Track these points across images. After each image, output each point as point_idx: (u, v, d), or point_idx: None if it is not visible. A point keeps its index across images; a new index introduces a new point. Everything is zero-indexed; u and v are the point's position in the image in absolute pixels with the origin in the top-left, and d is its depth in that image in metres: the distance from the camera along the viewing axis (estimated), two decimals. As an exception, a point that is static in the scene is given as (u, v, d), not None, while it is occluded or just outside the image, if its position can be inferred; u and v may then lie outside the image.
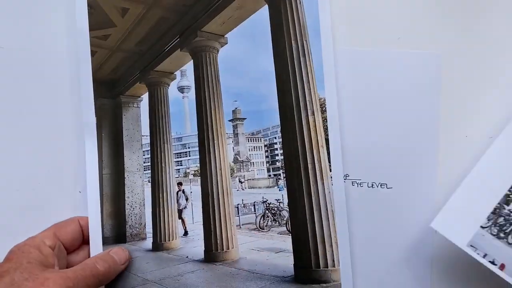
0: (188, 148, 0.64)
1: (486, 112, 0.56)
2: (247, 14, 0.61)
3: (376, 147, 0.56)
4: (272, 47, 0.59)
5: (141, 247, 0.60)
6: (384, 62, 0.56)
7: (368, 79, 0.56)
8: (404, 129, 0.56)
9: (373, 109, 0.56)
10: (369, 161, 0.56)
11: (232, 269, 0.59)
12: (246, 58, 0.59)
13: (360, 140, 0.56)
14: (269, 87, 0.59)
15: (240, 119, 0.62)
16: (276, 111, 0.59)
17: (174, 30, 0.62)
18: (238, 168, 0.66)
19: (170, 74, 0.64)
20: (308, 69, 0.59)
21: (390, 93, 0.56)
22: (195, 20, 0.62)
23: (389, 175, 0.56)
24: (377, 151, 0.56)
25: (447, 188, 0.54)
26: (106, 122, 0.60)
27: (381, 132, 0.56)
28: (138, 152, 0.61)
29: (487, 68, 0.56)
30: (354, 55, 0.56)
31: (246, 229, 0.63)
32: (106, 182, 0.58)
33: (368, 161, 0.56)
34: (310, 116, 0.58)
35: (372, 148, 0.56)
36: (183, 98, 0.64)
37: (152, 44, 0.62)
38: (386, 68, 0.56)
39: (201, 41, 0.64)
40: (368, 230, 0.55)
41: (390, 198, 0.55)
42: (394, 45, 0.57)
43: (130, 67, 0.63)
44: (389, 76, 0.56)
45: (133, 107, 0.64)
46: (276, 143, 0.63)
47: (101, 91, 0.58)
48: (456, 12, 0.57)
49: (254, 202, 0.62)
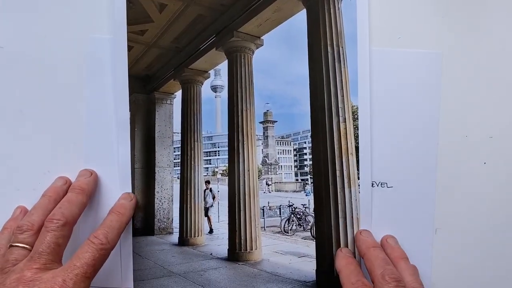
0: (218, 148, 0.64)
1: (486, 112, 0.55)
2: (284, 17, 0.60)
3: (376, 147, 0.55)
4: (307, 51, 0.59)
5: (168, 240, 0.61)
6: (384, 62, 0.55)
7: (369, 79, 0.56)
8: (404, 129, 0.55)
9: (375, 109, 0.56)
10: (367, 159, 0.56)
11: (255, 270, 0.60)
12: (280, 61, 0.58)
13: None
14: (302, 91, 0.58)
15: (271, 122, 0.62)
16: (307, 116, 0.59)
17: (210, 29, 0.62)
18: (266, 170, 0.66)
19: (204, 72, 0.65)
20: (342, 75, 0.58)
21: (391, 93, 0.56)
22: (232, 20, 0.62)
23: (389, 175, 0.56)
24: (377, 151, 0.55)
25: (447, 188, 0.54)
26: (139, 117, 0.61)
27: (382, 132, 0.56)
28: (169, 148, 0.62)
29: (487, 67, 0.55)
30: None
31: (270, 232, 0.64)
32: (138, 176, 0.59)
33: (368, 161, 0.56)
34: (342, 123, 0.58)
35: (373, 148, 0.56)
36: (216, 97, 0.64)
37: (188, 42, 0.62)
38: (386, 68, 0.55)
39: (237, 42, 0.64)
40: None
41: (392, 198, 0.55)
42: (395, 44, 0.56)
43: (165, 63, 0.64)
44: (389, 76, 0.55)
45: (166, 103, 0.65)
46: (305, 148, 0.63)
47: (136, 86, 0.59)
48: (457, 12, 0.55)
49: (280, 205, 0.62)
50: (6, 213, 0.55)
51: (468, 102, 0.56)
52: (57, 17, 0.58)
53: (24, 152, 0.56)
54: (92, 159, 0.57)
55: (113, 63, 0.57)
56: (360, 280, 0.40)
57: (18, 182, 0.56)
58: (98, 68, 0.58)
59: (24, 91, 0.57)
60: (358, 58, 0.55)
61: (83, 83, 0.57)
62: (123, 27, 0.57)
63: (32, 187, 0.56)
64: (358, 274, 0.42)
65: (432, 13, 0.56)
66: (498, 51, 0.55)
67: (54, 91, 0.57)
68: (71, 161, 0.56)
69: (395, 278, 0.38)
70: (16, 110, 0.56)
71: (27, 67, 0.57)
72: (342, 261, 0.44)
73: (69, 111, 0.57)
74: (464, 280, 0.56)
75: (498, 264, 0.56)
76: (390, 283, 0.38)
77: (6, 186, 0.55)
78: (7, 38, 0.57)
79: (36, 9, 0.57)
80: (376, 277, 0.39)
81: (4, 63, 0.56)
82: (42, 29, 0.58)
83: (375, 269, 0.40)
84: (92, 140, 0.57)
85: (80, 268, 0.37)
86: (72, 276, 0.36)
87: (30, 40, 0.57)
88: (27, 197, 0.56)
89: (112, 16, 0.57)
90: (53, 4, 0.58)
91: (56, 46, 0.58)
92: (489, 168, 0.55)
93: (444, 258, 0.55)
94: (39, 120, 0.56)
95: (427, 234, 0.56)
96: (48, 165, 0.56)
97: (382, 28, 0.56)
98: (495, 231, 0.56)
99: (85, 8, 0.58)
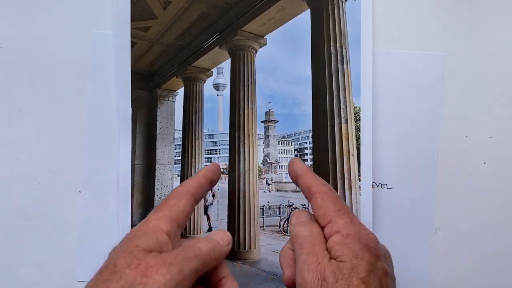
0: (219, 146, 0.64)
1: (486, 112, 0.56)
2: (289, 17, 0.60)
3: (378, 148, 0.56)
4: (311, 51, 0.59)
5: (166, 238, 0.61)
6: (387, 63, 0.56)
7: (372, 81, 0.56)
8: (405, 130, 0.56)
9: (377, 110, 0.56)
10: (369, 161, 0.56)
11: (252, 269, 0.60)
12: (283, 61, 0.59)
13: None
14: (304, 91, 0.59)
15: (273, 121, 0.62)
16: (309, 116, 0.59)
17: (214, 27, 0.63)
18: (266, 169, 0.66)
19: (207, 70, 0.65)
20: (345, 76, 0.58)
21: (393, 94, 0.56)
22: (236, 19, 0.62)
23: (389, 175, 0.56)
24: (378, 152, 0.56)
25: (447, 188, 0.54)
26: (141, 113, 0.61)
27: (383, 133, 0.56)
28: (170, 145, 0.62)
29: (487, 68, 0.56)
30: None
31: (269, 231, 0.63)
32: (138, 172, 0.59)
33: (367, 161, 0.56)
34: (343, 124, 0.58)
35: (374, 150, 0.56)
36: (218, 95, 0.64)
37: (192, 39, 0.63)
38: (389, 69, 0.56)
39: (240, 40, 0.64)
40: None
41: (392, 199, 0.55)
42: (395, 45, 0.56)
43: (168, 60, 0.64)
44: (392, 77, 0.56)
45: (168, 100, 0.65)
46: (306, 148, 0.63)
47: (138, 83, 0.59)
48: (459, 13, 0.56)
49: (280, 205, 0.62)
50: (6, 213, 0.55)
51: (468, 102, 0.56)
52: (61, 12, 0.58)
53: (24, 152, 0.56)
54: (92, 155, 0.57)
55: (116, 59, 0.57)
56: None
57: (18, 182, 0.55)
58: (101, 64, 0.58)
59: (24, 91, 0.56)
60: (362, 59, 0.55)
61: (86, 79, 0.57)
62: (127, 23, 0.57)
63: (32, 187, 0.56)
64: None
65: (435, 15, 0.56)
66: (498, 51, 0.56)
67: (56, 89, 0.57)
68: (71, 161, 0.56)
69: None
70: (16, 110, 0.56)
71: (27, 66, 0.57)
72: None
73: (70, 110, 0.57)
74: (463, 280, 0.56)
75: (498, 264, 0.56)
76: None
77: (6, 186, 0.55)
78: (8, 34, 0.57)
79: (40, 4, 0.57)
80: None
81: (4, 62, 0.56)
82: (45, 24, 0.58)
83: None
84: (94, 135, 0.57)
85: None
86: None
87: (33, 37, 0.57)
88: (27, 197, 0.55)
89: (116, 12, 0.57)
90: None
91: (59, 41, 0.58)
92: (489, 168, 0.56)
93: (444, 258, 0.56)
94: (39, 120, 0.56)
95: (427, 234, 0.56)
96: (48, 165, 0.56)
97: (386, 29, 0.56)
98: (495, 231, 0.56)
99: (89, 3, 0.58)
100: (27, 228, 0.56)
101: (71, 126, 0.57)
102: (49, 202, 0.56)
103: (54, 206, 0.56)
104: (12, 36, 0.57)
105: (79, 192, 0.56)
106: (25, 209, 0.56)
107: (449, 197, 0.55)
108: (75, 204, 0.56)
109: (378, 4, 0.56)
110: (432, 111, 0.56)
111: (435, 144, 0.56)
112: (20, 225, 0.55)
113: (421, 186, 0.55)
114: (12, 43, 0.57)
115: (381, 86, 0.56)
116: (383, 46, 0.56)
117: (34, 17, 0.57)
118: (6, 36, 0.57)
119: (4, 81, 0.57)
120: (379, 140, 0.56)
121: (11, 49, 0.57)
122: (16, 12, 0.57)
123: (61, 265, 0.55)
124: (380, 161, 0.56)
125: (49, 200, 0.56)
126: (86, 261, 0.55)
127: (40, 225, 0.56)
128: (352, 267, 0.33)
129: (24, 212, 0.56)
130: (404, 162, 0.56)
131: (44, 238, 0.55)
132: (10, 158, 0.56)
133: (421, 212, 0.55)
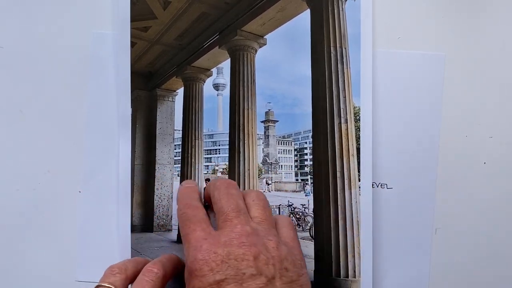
0: (219, 146, 0.64)
1: (486, 112, 0.56)
2: (288, 17, 0.60)
3: (377, 148, 0.56)
4: (311, 51, 0.59)
5: (167, 237, 0.61)
6: (387, 63, 0.56)
7: (372, 81, 0.56)
8: (405, 130, 0.56)
9: (377, 110, 0.56)
10: (369, 161, 0.56)
11: (253, 269, 0.60)
12: (283, 61, 0.59)
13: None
14: (304, 91, 0.59)
15: (273, 121, 0.62)
16: (309, 116, 0.59)
17: (214, 27, 0.63)
18: (266, 169, 0.66)
19: (207, 70, 0.65)
20: (345, 76, 0.58)
21: (393, 94, 0.56)
22: (236, 19, 0.63)
23: (389, 175, 0.56)
24: (378, 152, 0.56)
25: (447, 188, 0.55)
26: (141, 113, 0.61)
27: (383, 133, 0.56)
28: (169, 145, 0.62)
29: (487, 68, 0.56)
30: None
31: (269, 231, 0.63)
32: (138, 172, 0.59)
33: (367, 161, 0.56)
34: (343, 124, 0.58)
35: (374, 149, 0.56)
36: (218, 95, 0.64)
37: (192, 39, 0.63)
38: (389, 69, 0.56)
39: (240, 40, 0.64)
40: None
41: (392, 198, 0.55)
42: (395, 45, 0.56)
43: (168, 60, 0.64)
44: (392, 77, 0.56)
45: (168, 100, 0.65)
46: (306, 148, 0.63)
47: (138, 83, 0.59)
48: (459, 13, 0.56)
49: (279, 205, 0.62)
50: (6, 213, 0.55)
51: (468, 102, 0.56)
52: (60, 12, 0.58)
53: (24, 152, 0.56)
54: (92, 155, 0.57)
55: (116, 59, 0.57)
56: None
57: (18, 182, 0.55)
58: (101, 64, 0.58)
59: (24, 91, 0.56)
60: (362, 59, 0.55)
61: (85, 79, 0.57)
62: (127, 23, 0.57)
63: (32, 187, 0.56)
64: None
65: (435, 15, 0.56)
66: (498, 51, 0.56)
67: (55, 89, 0.57)
68: (71, 161, 0.56)
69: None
70: (16, 110, 0.56)
71: (27, 66, 0.57)
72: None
73: (69, 110, 0.57)
74: (463, 280, 0.56)
75: (498, 264, 0.56)
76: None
77: (6, 186, 0.55)
78: (8, 34, 0.57)
79: (40, 4, 0.57)
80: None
81: (4, 62, 0.56)
82: (45, 24, 0.58)
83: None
84: (93, 135, 0.57)
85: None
86: None
87: (32, 37, 0.57)
88: (27, 197, 0.55)
89: (116, 12, 0.57)
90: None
91: (59, 41, 0.58)
92: (489, 168, 0.56)
93: (444, 258, 0.56)
94: (39, 120, 0.56)
95: (427, 234, 0.56)
96: (48, 165, 0.56)
97: (386, 29, 0.56)
98: (495, 231, 0.56)
99: (89, 3, 0.58)
100: (27, 228, 0.56)
101: (71, 126, 0.57)
102: (49, 202, 0.56)
103: (54, 206, 0.56)
104: (12, 36, 0.57)
105: (79, 192, 0.56)
106: (25, 209, 0.56)
107: (449, 197, 0.55)
108: (75, 204, 0.56)
109: (378, 4, 0.56)
110: (432, 111, 0.56)
111: (435, 144, 0.56)
112: (20, 225, 0.55)
113: (421, 186, 0.55)
114: (12, 43, 0.57)
115: (381, 86, 0.56)
116: (383, 46, 0.56)
117: (34, 17, 0.57)
118: (6, 36, 0.57)
119: (4, 81, 0.57)
120: (379, 140, 0.56)
121: (11, 49, 0.57)
122: (16, 12, 0.57)
123: (61, 265, 0.55)
124: (380, 161, 0.56)
125: (49, 200, 0.56)
126: (85, 261, 0.55)
127: (40, 225, 0.56)
128: None
129: (24, 212, 0.56)
130: (404, 162, 0.56)
131: (43, 238, 0.55)
132: (10, 158, 0.56)
133: (421, 212, 0.55)
